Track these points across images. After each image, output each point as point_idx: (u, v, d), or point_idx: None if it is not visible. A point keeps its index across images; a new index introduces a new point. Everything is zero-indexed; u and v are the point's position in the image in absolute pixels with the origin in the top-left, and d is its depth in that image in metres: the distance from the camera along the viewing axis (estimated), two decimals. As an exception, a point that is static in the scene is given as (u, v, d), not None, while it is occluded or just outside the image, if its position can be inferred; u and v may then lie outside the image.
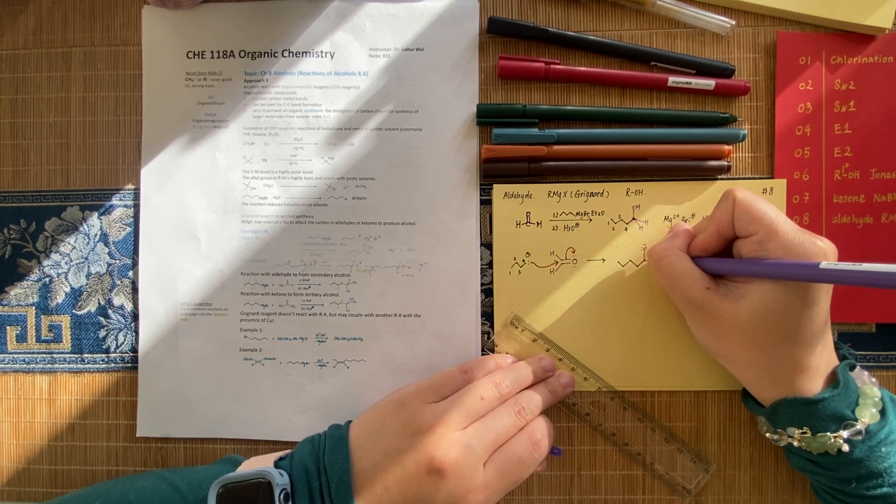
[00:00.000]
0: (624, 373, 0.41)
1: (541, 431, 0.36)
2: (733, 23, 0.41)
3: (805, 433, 0.34)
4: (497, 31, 0.41)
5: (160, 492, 0.34)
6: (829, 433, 0.33)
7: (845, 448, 0.33)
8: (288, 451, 0.37)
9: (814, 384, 0.34)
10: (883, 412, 0.34)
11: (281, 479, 0.33)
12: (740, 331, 0.33)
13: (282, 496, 0.32)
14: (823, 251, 0.32)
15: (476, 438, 0.34)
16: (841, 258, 0.40)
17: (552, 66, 0.41)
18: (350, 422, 0.37)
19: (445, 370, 0.38)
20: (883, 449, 0.33)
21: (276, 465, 0.35)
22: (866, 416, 0.33)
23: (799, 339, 0.33)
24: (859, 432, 0.33)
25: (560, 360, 0.41)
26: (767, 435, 0.37)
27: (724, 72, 0.41)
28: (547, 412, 0.39)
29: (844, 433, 0.33)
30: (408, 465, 0.33)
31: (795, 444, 0.35)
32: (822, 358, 0.34)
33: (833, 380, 0.34)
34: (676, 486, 0.41)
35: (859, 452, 0.33)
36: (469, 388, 0.36)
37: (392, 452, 0.34)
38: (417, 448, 0.33)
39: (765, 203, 0.34)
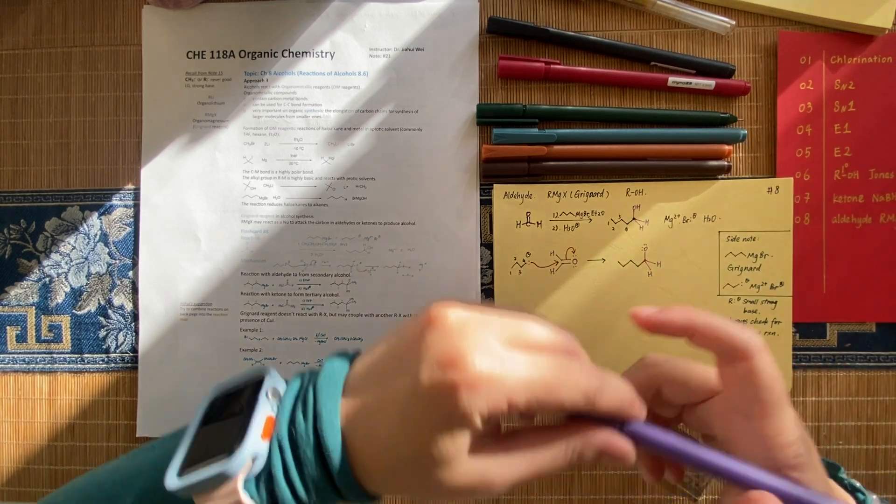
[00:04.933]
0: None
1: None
2: (733, 23, 0.41)
3: None
4: (497, 31, 0.41)
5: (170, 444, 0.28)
6: None
7: None
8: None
9: None
10: None
11: (272, 380, 0.27)
12: None
13: (269, 392, 0.27)
14: None
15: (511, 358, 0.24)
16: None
17: (552, 66, 0.41)
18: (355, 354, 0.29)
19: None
20: None
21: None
22: None
23: None
24: None
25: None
26: None
27: (724, 72, 0.41)
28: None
29: None
30: (405, 334, 0.25)
31: None
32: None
33: None
34: (689, 484, 0.40)
35: None
36: None
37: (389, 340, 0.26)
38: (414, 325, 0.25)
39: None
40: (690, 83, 0.40)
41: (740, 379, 0.25)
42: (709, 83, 0.40)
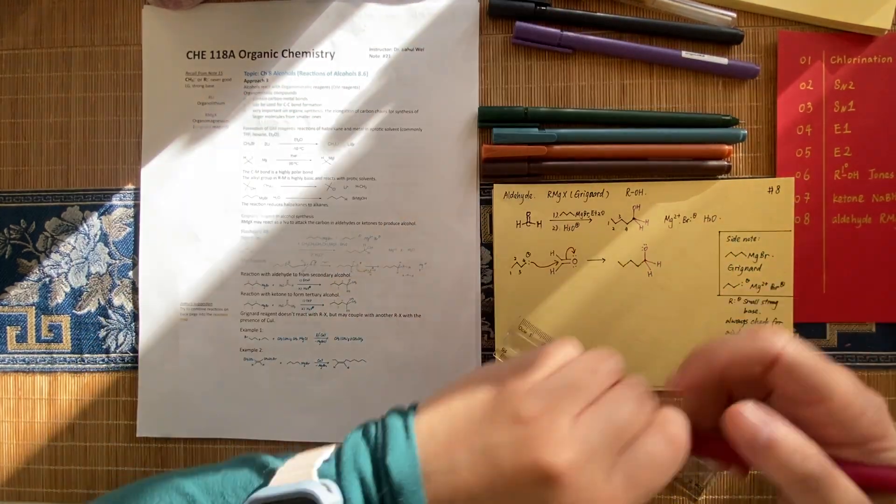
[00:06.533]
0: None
1: (677, 424, 0.26)
2: (734, 15, 0.40)
3: None
4: (499, 15, 0.41)
5: None
6: None
7: None
8: (333, 449, 0.27)
9: None
10: None
11: (329, 497, 0.24)
12: None
13: None
14: None
15: (595, 431, 0.25)
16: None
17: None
18: (415, 406, 0.27)
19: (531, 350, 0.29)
20: None
21: (321, 472, 0.26)
22: None
23: None
24: None
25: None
26: None
27: (735, 37, 0.40)
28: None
29: None
30: (504, 467, 0.24)
31: None
32: None
33: None
34: (689, 483, 0.40)
35: None
36: (574, 360, 0.27)
37: (479, 449, 0.25)
38: (517, 443, 0.24)
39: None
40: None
41: (783, 378, 0.26)
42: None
